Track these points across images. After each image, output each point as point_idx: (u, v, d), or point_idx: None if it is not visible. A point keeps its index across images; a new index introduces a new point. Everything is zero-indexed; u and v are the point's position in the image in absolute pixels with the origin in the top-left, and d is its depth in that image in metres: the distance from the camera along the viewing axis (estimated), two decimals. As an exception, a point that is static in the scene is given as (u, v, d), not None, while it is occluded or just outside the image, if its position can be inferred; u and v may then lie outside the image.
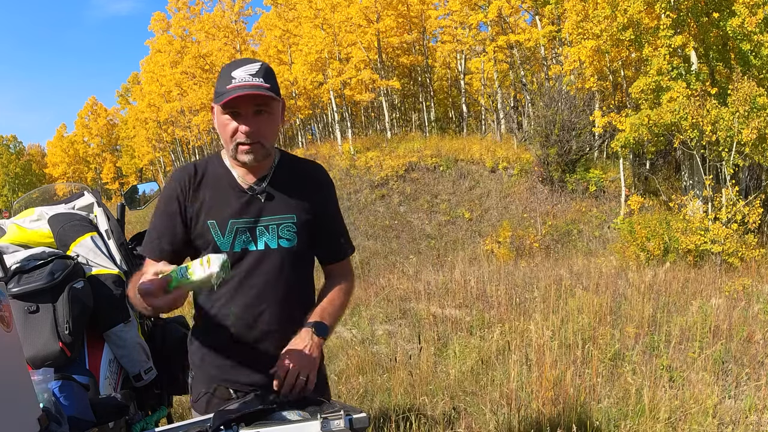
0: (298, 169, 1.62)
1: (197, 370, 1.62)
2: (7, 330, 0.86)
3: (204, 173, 1.56)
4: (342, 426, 1.09)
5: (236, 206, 1.52)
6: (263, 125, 1.46)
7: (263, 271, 1.52)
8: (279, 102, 1.48)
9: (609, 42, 11.12)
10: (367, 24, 19.79)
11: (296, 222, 1.55)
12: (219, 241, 1.51)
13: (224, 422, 1.12)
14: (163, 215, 1.55)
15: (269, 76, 1.45)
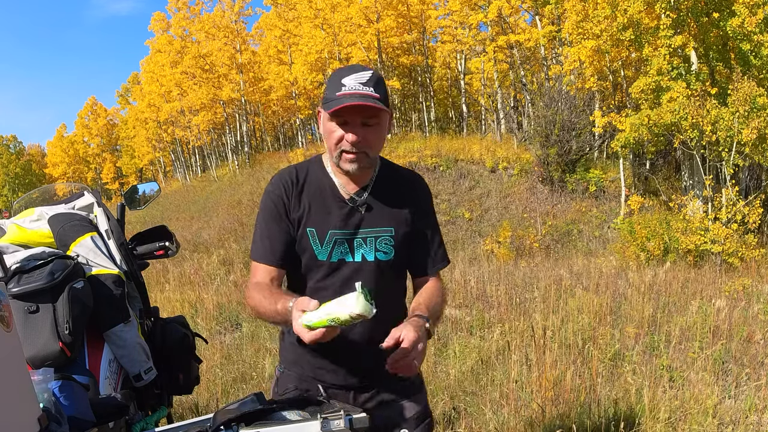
0: (399, 179, 1.61)
1: (289, 366, 1.65)
2: (7, 330, 0.86)
3: (306, 178, 1.55)
4: (342, 426, 1.09)
5: (337, 217, 1.52)
6: (370, 135, 1.44)
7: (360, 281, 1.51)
8: (388, 113, 1.46)
9: (609, 42, 11.13)
10: (367, 24, 19.79)
11: (394, 235, 1.55)
12: (316, 250, 1.51)
13: (224, 422, 1.12)
14: (270, 218, 1.53)
15: (379, 85, 1.42)
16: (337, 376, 1.59)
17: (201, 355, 2.74)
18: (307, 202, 1.53)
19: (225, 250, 10.17)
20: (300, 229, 1.52)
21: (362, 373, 1.59)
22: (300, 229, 1.52)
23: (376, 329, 1.50)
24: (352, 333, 1.53)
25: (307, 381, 1.60)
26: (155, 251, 2.39)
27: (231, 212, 16.11)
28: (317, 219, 1.52)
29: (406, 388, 1.64)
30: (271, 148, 33.01)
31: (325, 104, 1.43)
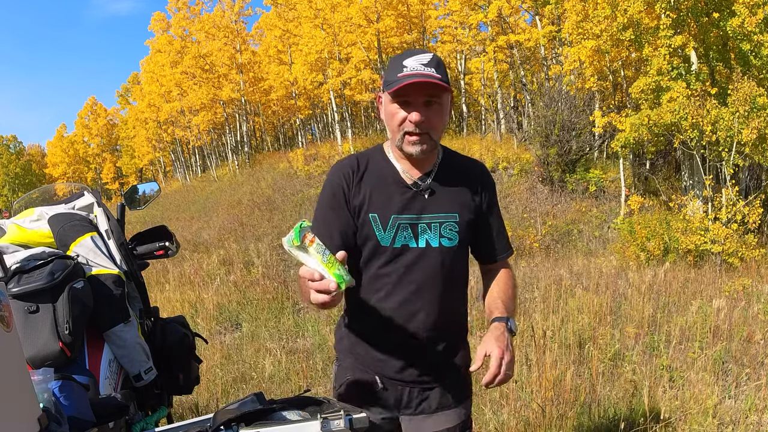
0: (461, 166, 1.60)
1: (345, 356, 1.63)
2: (7, 330, 0.86)
3: (367, 166, 1.54)
4: (342, 426, 1.09)
5: (399, 202, 1.50)
6: (433, 116, 1.42)
7: (423, 268, 1.50)
8: (449, 94, 1.45)
9: (609, 42, 11.12)
10: (367, 24, 19.79)
11: (458, 221, 1.52)
12: (380, 236, 1.49)
13: (224, 422, 1.12)
14: (329, 209, 1.53)
15: (441, 67, 1.41)
16: (396, 367, 1.56)
17: (201, 355, 2.74)
18: (369, 189, 1.51)
19: (225, 250, 10.17)
20: (362, 217, 1.50)
21: (423, 367, 1.56)
22: (361, 216, 1.50)
23: (440, 319, 1.52)
24: (414, 321, 1.51)
25: (363, 371, 1.58)
26: (155, 251, 2.39)
27: (231, 212, 16.11)
28: (379, 205, 1.49)
29: (461, 391, 1.63)
30: (271, 148, 33.00)
31: (387, 86, 1.42)
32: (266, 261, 9.29)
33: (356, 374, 1.58)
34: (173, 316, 2.36)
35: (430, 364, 1.56)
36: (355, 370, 1.59)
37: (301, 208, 14.18)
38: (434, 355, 1.56)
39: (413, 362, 1.55)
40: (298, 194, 15.39)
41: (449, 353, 1.60)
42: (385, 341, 1.55)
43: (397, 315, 1.51)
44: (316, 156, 18.76)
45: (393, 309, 1.51)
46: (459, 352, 1.63)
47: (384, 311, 1.52)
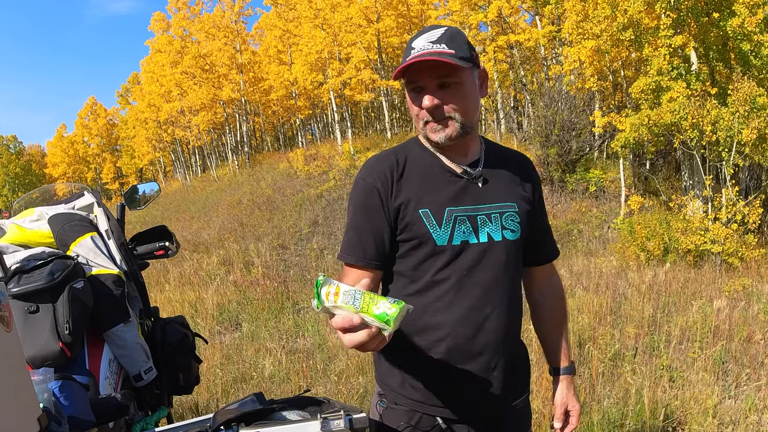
0: (508, 156, 1.43)
1: (394, 396, 1.36)
2: (7, 330, 0.86)
3: (406, 161, 1.33)
4: (342, 426, 1.09)
5: (451, 192, 1.30)
6: (451, 98, 1.23)
7: (487, 267, 1.29)
8: (469, 69, 1.24)
9: (609, 42, 11.12)
10: (367, 24, 19.78)
11: (518, 211, 1.34)
12: (435, 233, 1.27)
13: (224, 422, 1.12)
14: (362, 215, 1.32)
15: (455, 40, 1.22)
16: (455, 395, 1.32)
17: (201, 355, 2.74)
18: (413, 184, 1.30)
19: (225, 250, 10.17)
20: (408, 216, 1.28)
21: (496, 394, 1.33)
22: (408, 215, 1.28)
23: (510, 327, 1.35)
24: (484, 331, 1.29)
25: (420, 410, 1.33)
26: (155, 251, 2.39)
27: (231, 212, 16.10)
28: (429, 198, 1.29)
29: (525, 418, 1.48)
30: (271, 148, 33.00)
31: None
32: (266, 261, 9.29)
33: (411, 420, 1.34)
34: (173, 316, 2.35)
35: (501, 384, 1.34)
36: (410, 414, 1.34)
37: (301, 208, 14.17)
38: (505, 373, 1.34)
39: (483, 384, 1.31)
40: (298, 194, 15.38)
41: (517, 368, 1.40)
42: (446, 364, 1.29)
43: (463, 327, 1.28)
44: (316, 156, 18.75)
45: (459, 320, 1.28)
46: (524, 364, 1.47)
47: (449, 325, 1.28)
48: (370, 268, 1.32)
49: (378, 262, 1.32)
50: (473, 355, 1.30)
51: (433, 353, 1.30)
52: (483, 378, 1.31)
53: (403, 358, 1.34)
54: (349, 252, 1.33)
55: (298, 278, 8.44)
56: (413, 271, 1.32)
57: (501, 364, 1.32)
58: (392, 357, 1.37)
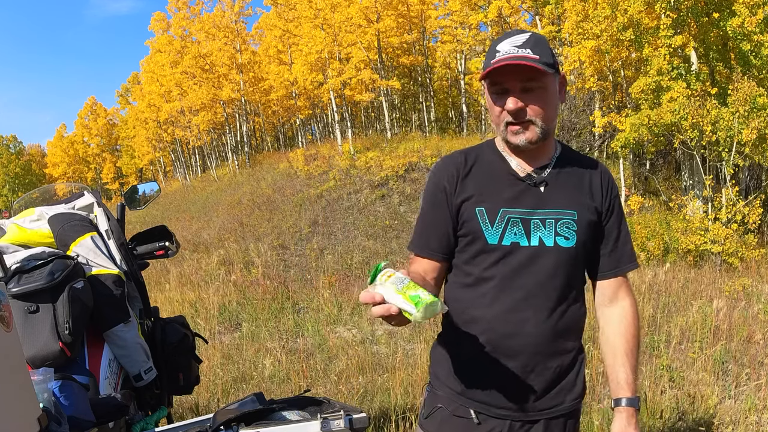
0: (582, 163, 1.42)
1: (438, 383, 1.44)
2: (7, 330, 0.86)
3: (475, 161, 1.40)
4: (342, 426, 1.09)
5: (509, 194, 1.34)
6: (534, 102, 1.27)
7: (534, 271, 1.32)
8: (552, 75, 1.29)
9: (609, 42, 11.12)
10: (367, 24, 19.78)
11: (577, 219, 1.34)
12: (487, 232, 1.33)
13: (224, 422, 1.12)
14: (429, 208, 1.42)
15: (539, 46, 1.26)
16: (497, 393, 1.35)
17: (201, 355, 2.74)
18: (476, 183, 1.37)
19: (225, 250, 10.17)
20: (467, 212, 1.35)
21: (529, 393, 1.34)
22: (467, 211, 1.35)
23: (552, 334, 1.33)
24: (521, 334, 1.32)
25: (457, 400, 1.39)
26: (155, 251, 2.39)
27: (231, 212, 16.10)
28: (487, 197, 1.34)
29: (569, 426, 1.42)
30: (271, 148, 33.00)
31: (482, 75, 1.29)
32: (266, 261, 9.29)
33: (449, 406, 1.40)
34: (173, 316, 2.35)
35: (537, 389, 1.35)
36: (449, 400, 1.40)
37: (301, 208, 14.17)
38: (543, 378, 1.35)
39: (519, 385, 1.34)
40: (298, 194, 15.38)
41: (560, 377, 1.37)
42: (486, 360, 1.34)
43: (501, 325, 1.32)
44: (316, 156, 18.75)
45: (497, 318, 1.33)
46: (571, 376, 1.40)
47: (486, 321, 1.33)
48: (434, 258, 1.41)
49: (441, 254, 1.40)
50: (509, 354, 1.33)
51: (472, 347, 1.35)
52: (519, 380, 1.33)
53: (449, 349, 1.42)
54: (415, 243, 1.44)
55: (298, 278, 8.44)
56: (466, 266, 1.38)
57: (540, 369, 1.34)
58: (442, 348, 1.45)
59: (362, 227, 14.70)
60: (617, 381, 1.37)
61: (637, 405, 1.36)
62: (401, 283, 1.04)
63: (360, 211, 15.56)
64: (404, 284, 1.04)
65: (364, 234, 14.35)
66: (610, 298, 1.44)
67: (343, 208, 13.90)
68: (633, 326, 1.43)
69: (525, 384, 1.34)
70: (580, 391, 1.41)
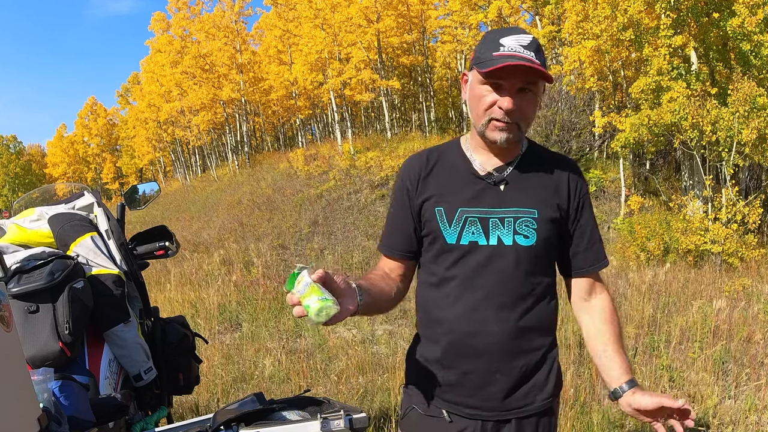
0: (548, 160, 1.40)
1: (412, 383, 1.45)
2: (7, 330, 0.86)
3: (438, 160, 1.41)
4: (342, 426, 1.09)
5: (468, 193, 1.33)
6: (526, 105, 1.27)
7: (494, 270, 1.32)
8: (544, 83, 1.29)
9: (609, 42, 11.12)
10: (367, 24, 19.78)
11: (537, 218, 1.32)
12: (445, 231, 1.33)
13: (224, 422, 1.12)
14: (395, 209, 1.44)
15: (540, 52, 1.25)
16: (465, 393, 1.35)
17: (201, 355, 2.74)
18: (437, 183, 1.37)
19: (225, 250, 10.17)
20: (427, 212, 1.36)
21: (497, 393, 1.34)
22: (427, 212, 1.36)
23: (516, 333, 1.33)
24: (483, 334, 1.32)
25: (429, 400, 1.40)
26: (155, 251, 2.39)
27: (231, 212, 16.11)
28: (446, 197, 1.35)
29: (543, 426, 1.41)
30: (271, 148, 33.01)
31: (479, 64, 1.25)
32: (266, 261, 9.29)
33: (422, 406, 1.41)
34: (173, 316, 2.35)
35: (505, 389, 1.35)
36: (421, 400, 1.41)
37: (301, 208, 14.17)
38: (510, 378, 1.35)
39: (486, 385, 1.34)
40: (298, 194, 15.38)
41: (528, 376, 1.37)
42: (452, 360, 1.35)
43: (464, 325, 1.33)
44: (316, 156, 18.75)
45: (460, 318, 1.33)
46: (541, 375, 1.39)
47: (450, 321, 1.34)
48: (398, 258, 1.45)
49: (405, 253, 1.44)
50: (474, 354, 1.33)
51: (437, 346, 1.37)
52: (485, 380, 1.34)
53: (420, 349, 1.43)
54: (383, 243, 1.48)
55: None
56: (431, 265, 1.40)
57: (506, 369, 1.34)
58: (415, 348, 1.46)
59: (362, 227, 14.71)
60: (617, 367, 1.34)
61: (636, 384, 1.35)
62: (302, 291, 1.08)
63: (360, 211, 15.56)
64: (303, 292, 1.08)
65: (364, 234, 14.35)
66: (587, 293, 1.44)
67: (343, 208, 13.90)
68: (615, 315, 1.43)
69: (492, 384, 1.34)
70: (552, 390, 1.40)
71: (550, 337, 1.41)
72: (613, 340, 1.37)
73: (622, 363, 1.34)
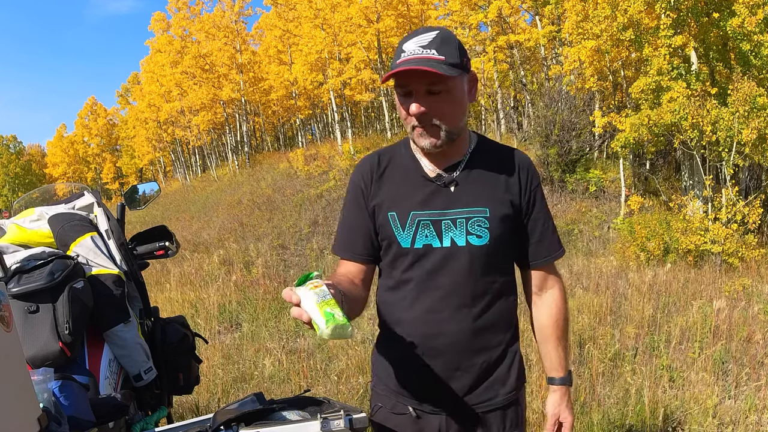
0: (497, 156, 1.39)
1: (379, 381, 1.48)
2: (7, 330, 0.86)
3: (389, 162, 1.40)
4: (342, 426, 1.09)
5: (420, 196, 1.34)
6: (439, 104, 1.25)
7: (449, 271, 1.33)
8: (459, 77, 1.24)
9: (609, 42, 11.12)
10: (367, 24, 19.78)
11: (489, 216, 1.32)
12: (399, 236, 1.34)
13: (224, 422, 1.12)
14: (351, 210, 1.42)
15: (446, 45, 1.22)
16: (429, 391, 1.38)
17: (201, 355, 2.74)
18: (389, 187, 1.37)
19: (225, 250, 10.17)
20: (381, 217, 1.36)
21: (459, 390, 1.37)
22: (381, 216, 1.36)
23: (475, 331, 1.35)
24: (443, 334, 1.34)
25: (394, 397, 1.42)
26: (155, 251, 2.39)
27: (231, 212, 16.10)
28: (398, 202, 1.35)
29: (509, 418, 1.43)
30: (271, 148, 33.01)
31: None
32: (266, 261, 9.29)
33: (388, 404, 1.44)
34: (173, 316, 2.35)
35: (465, 385, 1.37)
36: (388, 398, 1.44)
37: (301, 208, 14.17)
38: (470, 375, 1.37)
39: (446, 383, 1.36)
40: (298, 194, 15.38)
41: (488, 372, 1.39)
42: (413, 360, 1.37)
43: (422, 327, 1.35)
44: (316, 156, 18.75)
45: (418, 320, 1.35)
46: (502, 370, 1.41)
47: (409, 323, 1.36)
48: (359, 261, 1.42)
49: (366, 256, 1.41)
50: (434, 354, 1.35)
51: (401, 347, 1.38)
52: (447, 377, 1.36)
53: (383, 350, 1.47)
54: (340, 246, 1.44)
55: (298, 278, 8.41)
56: (389, 268, 1.41)
57: (466, 366, 1.36)
58: (378, 348, 1.49)
59: (362, 227, 14.71)
60: (551, 362, 1.43)
61: (569, 382, 1.43)
62: (323, 297, 1.04)
63: (360, 211, 15.57)
64: (325, 299, 1.04)
65: (364, 234, 14.36)
66: (539, 286, 1.45)
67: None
68: (564, 312, 1.45)
69: (453, 380, 1.36)
70: (514, 384, 1.42)
71: (510, 333, 1.43)
72: (554, 338, 1.43)
73: (554, 359, 1.42)
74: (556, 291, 1.45)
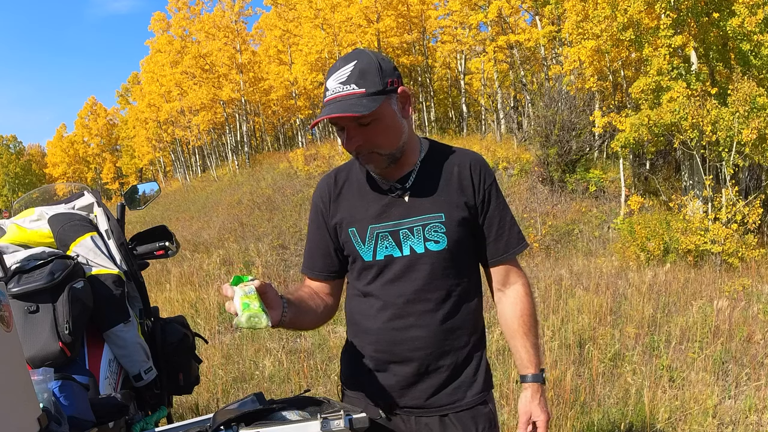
0: (449, 160, 1.41)
1: (348, 384, 1.52)
2: (7, 330, 0.86)
3: (346, 179, 1.45)
4: (342, 426, 1.09)
5: (375, 209, 1.37)
6: (372, 135, 1.28)
7: (411, 279, 1.36)
8: (385, 102, 1.26)
9: (609, 42, 11.13)
10: (367, 24, 19.79)
11: (445, 221, 1.34)
12: (361, 250, 1.38)
13: (224, 422, 1.12)
14: (312, 230, 1.49)
15: (365, 76, 1.24)
16: (397, 393, 1.41)
17: (201, 355, 2.74)
18: (347, 204, 1.42)
19: (225, 250, 10.17)
20: (343, 234, 1.41)
21: (426, 391, 1.40)
22: (343, 233, 1.41)
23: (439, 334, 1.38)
24: (408, 339, 1.37)
25: (364, 400, 1.45)
26: (155, 251, 2.39)
27: (231, 212, 16.10)
28: (358, 217, 1.39)
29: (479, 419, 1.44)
30: (271, 148, 33.01)
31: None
32: (266, 261, 9.30)
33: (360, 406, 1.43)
34: (173, 316, 2.35)
35: (433, 387, 1.41)
36: (358, 402, 1.46)
37: (301, 208, 14.17)
38: (438, 377, 1.40)
39: (414, 386, 1.40)
40: (298, 194, 15.39)
41: (455, 374, 1.42)
42: (381, 365, 1.42)
43: (388, 335, 1.39)
44: (316, 156, 18.75)
45: (384, 328, 1.39)
46: (469, 372, 1.43)
47: (375, 331, 1.41)
48: (319, 279, 1.49)
49: (327, 273, 1.48)
50: (400, 361, 1.40)
51: (367, 354, 1.44)
52: (414, 381, 1.40)
53: (351, 355, 1.49)
54: (305, 265, 1.52)
55: (298, 278, 8.43)
56: (355, 281, 1.46)
57: (433, 369, 1.39)
58: (347, 353, 1.53)
59: (362, 227, 14.72)
60: (521, 359, 1.43)
61: (541, 380, 1.41)
62: (247, 293, 1.14)
63: (360, 211, 15.57)
64: (248, 294, 1.13)
65: (364, 234, 14.37)
66: (502, 282, 1.46)
67: (343, 208, 13.91)
68: (528, 307, 1.45)
69: (420, 383, 1.40)
70: (482, 386, 1.44)
71: (476, 335, 1.45)
72: (520, 333, 1.43)
73: (523, 356, 1.42)
74: (519, 286, 1.46)
